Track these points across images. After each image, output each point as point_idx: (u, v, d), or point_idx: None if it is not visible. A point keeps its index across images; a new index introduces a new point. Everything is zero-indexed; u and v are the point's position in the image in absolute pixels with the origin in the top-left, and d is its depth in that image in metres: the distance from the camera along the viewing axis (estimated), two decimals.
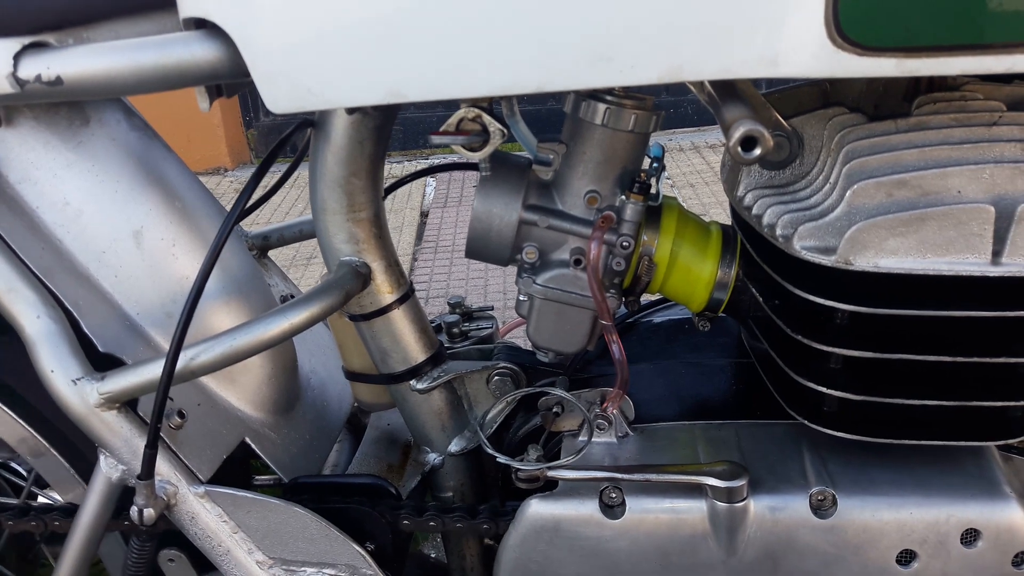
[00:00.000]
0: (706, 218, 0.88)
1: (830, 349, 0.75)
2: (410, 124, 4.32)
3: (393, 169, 4.05)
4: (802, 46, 0.59)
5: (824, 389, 0.77)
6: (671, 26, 0.60)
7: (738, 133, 0.59)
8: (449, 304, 1.11)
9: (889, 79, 0.78)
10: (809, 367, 0.78)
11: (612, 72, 0.62)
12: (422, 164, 4.22)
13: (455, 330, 1.07)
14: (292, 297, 1.13)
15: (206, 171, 4.30)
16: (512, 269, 0.87)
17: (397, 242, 3.23)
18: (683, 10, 0.59)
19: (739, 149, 0.60)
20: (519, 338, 1.83)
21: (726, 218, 0.93)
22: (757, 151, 0.60)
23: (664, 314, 1.06)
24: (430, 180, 3.87)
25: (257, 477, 1.18)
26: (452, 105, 0.71)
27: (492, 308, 1.13)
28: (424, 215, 3.44)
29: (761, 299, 0.82)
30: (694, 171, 3.70)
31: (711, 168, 3.69)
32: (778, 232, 0.74)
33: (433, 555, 1.33)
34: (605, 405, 0.83)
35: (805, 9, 0.58)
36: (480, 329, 1.08)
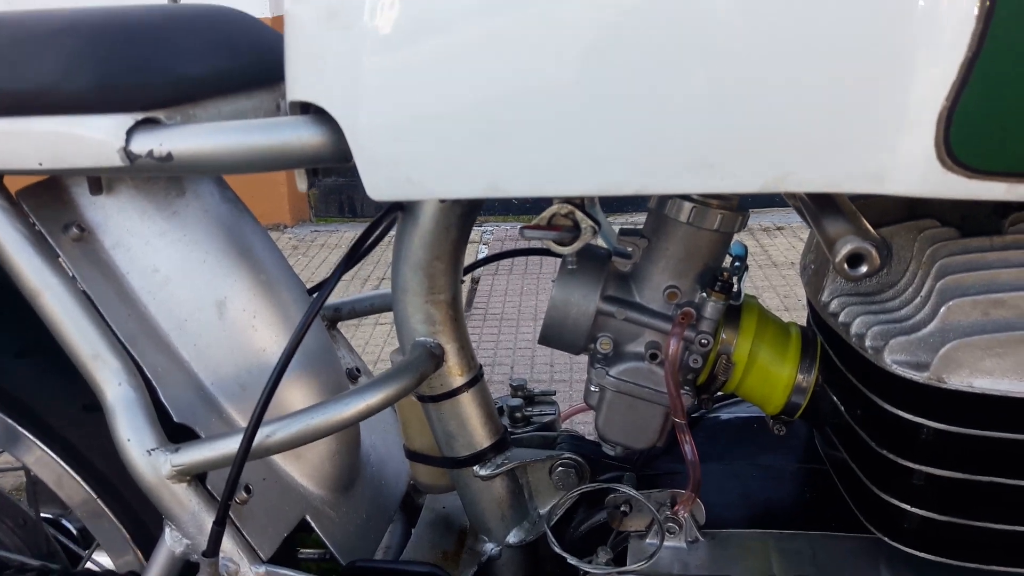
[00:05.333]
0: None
1: (916, 466, 0.73)
2: None
3: None
4: (911, 165, 0.59)
5: (907, 507, 0.74)
6: (778, 137, 0.60)
7: (845, 250, 0.59)
8: (511, 386, 1.10)
9: None
10: (891, 482, 0.76)
11: (713, 179, 0.63)
12: (486, 230, 4.23)
13: (517, 415, 1.06)
14: (358, 371, 1.13)
15: (266, 227, 4.37)
16: None
17: None
18: (792, 122, 0.60)
19: (845, 266, 0.60)
20: (579, 424, 1.82)
21: (777, 303, 0.92)
22: (863, 268, 0.60)
23: (732, 411, 1.04)
24: (482, 247, 3.91)
25: (301, 550, 1.17)
26: None
27: (555, 393, 1.12)
28: (475, 281, 3.45)
29: (842, 408, 0.80)
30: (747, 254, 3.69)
31: (764, 251, 3.68)
32: (867, 343, 0.73)
33: None
34: (677, 508, 0.81)
35: (916, 130, 0.58)
36: (543, 415, 1.07)
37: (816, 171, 0.61)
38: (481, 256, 3.73)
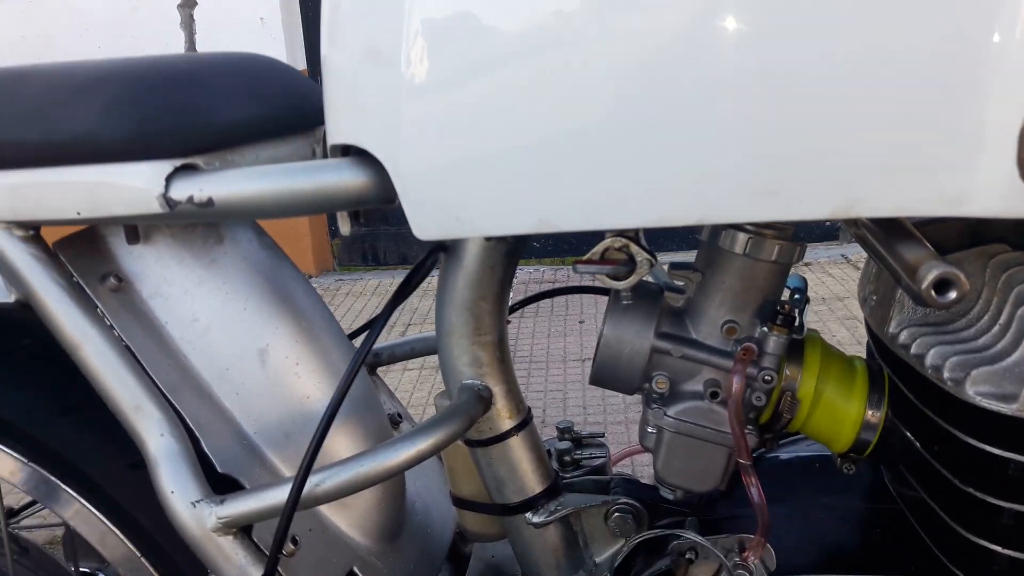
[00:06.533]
0: None
1: (1005, 504, 0.68)
2: None
3: None
4: (990, 185, 0.55)
5: (996, 547, 0.70)
6: (847, 161, 0.57)
7: (931, 276, 0.55)
8: (559, 429, 1.06)
9: None
10: (977, 521, 0.71)
11: (779, 207, 0.59)
12: (528, 271, 4.19)
13: (567, 458, 1.02)
14: (400, 416, 1.10)
15: None
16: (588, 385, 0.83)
17: None
18: (861, 145, 0.56)
19: (932, 293, 0.56)
20: (628, 467, 1.77)
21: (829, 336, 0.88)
22: (952, 295, 0.56)
23: (791, 450, 1.00)
24: None
25: None
26: None
27: (603, 435, 1.08)
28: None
29: (918, 443, 0.75)
30: None
31: None
32: (946, 375, 0.69)
33: None
34: (746, 554, 0.77)
35: (995, 147, 0.54)
36: (593, 457, 1.03)
37: (889, 195, 0.57)
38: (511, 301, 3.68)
